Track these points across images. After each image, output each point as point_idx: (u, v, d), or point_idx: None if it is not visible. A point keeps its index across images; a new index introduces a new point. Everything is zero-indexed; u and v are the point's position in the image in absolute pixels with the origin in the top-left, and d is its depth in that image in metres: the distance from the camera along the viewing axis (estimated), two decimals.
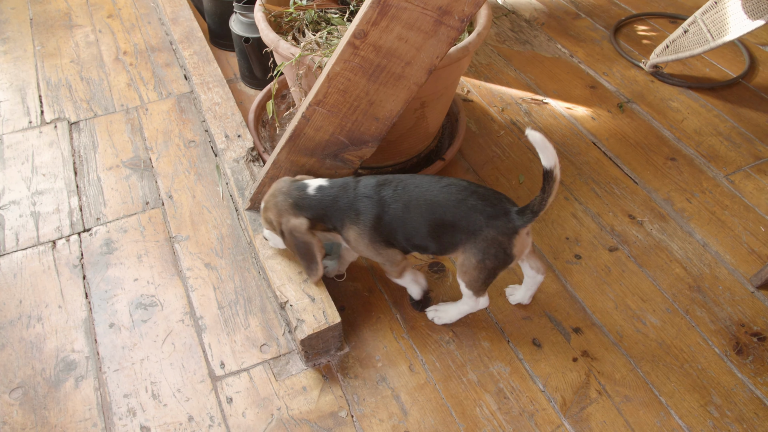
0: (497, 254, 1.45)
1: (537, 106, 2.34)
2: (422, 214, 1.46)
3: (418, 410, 1.55)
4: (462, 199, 1.44)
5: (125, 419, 1.54)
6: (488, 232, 1.43)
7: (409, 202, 1.47)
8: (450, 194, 1.45)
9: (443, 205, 1.45)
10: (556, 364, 1.63)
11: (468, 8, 1.38)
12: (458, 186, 1.47)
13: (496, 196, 1.47)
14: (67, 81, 2.47)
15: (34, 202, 2.02)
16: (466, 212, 1.44)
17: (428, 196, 1.46)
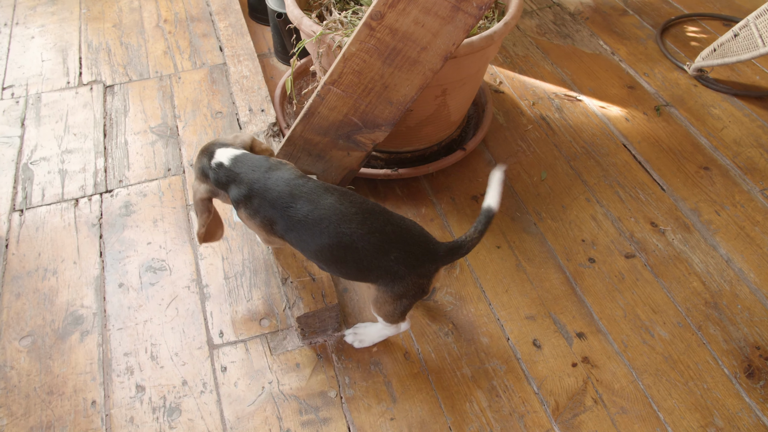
0: (416, 293, 1.39)
1: (569, 103, 2.27)
2: (331, 250, 1.36)
3: (407, 399, 1.54)
4: (385, 251, 1.34)
5: (123, 377, 1.58)
6: (410, 279, 1.36)
7: (317, 227, 1.35)
8: (370, 243, 1.33)
9: (360, 250, 1.34)
10: (554, 367, 1.59)
11: None
12: (382, 234, 1.34)
13: (422, 241, 1.37)
14: (107, 45, 2.52)
15: (62, 160, 2.09)
16: (386, 264, 1.34)
17: (344, 238, 1.34)
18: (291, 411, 1.52)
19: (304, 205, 1.36)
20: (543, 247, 1.84)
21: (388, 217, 1.37)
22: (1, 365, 1.61)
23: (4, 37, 2.57)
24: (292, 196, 1.37)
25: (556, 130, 2.17)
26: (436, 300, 1.72)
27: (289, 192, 1.38)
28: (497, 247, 1.84)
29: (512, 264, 1.80)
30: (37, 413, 1.52)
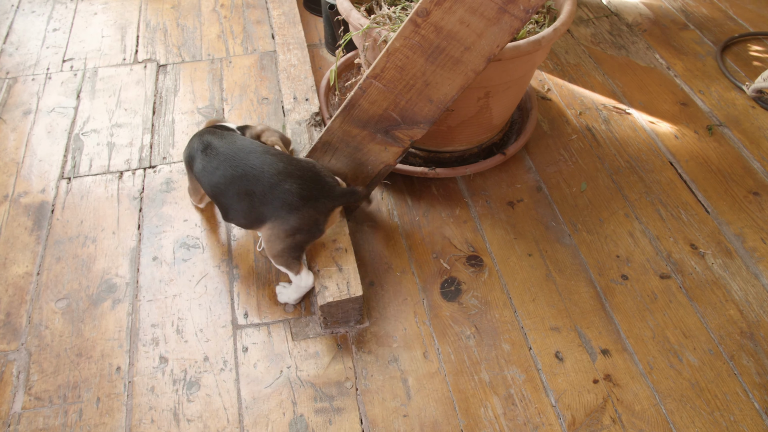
0: (310, 229, 1.51)
1: (618, 115, 2.22)
2: (233, 180, 1.54)
3: (422, 397, 1.54)
4: (281, 181, 1.50)
5: (148, 347, 1.63)
6: (305, 211, 1.49)
7: (224, 162, 1.57)
8: (269, 174, 1.51)
9: (259, 182, 1.51)
10: (574, 381, 1.56)
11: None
12: (282, 168, 1.52)
13: (319, 179, 1.54)
14: (164, 25, 2.59)
15: (111, 134, 2.16)
16: (282, 195, 1.49)
17: (247, 169, 1.53)
18: (306, 397, 1.53)
19: (220, 143, 1.61)
20: (575, 260, 1.81)
21: (290, 158, 1.57)
22: (37, 324, 1.67)
23: (69, 11, 2.67)
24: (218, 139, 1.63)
25: (601, 142, 2.12)
26: (461, 302, 1.71)
27: (218, 140, 1.63)
28: (528, 254, 1.82)
29: (542, 273, 1.78)
30: (65, 373, 1.58)
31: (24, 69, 2.40)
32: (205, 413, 1.51)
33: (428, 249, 1.83)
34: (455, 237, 1.86)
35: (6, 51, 2.48)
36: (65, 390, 1.55)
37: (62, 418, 1.50)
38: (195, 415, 1.51)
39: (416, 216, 1.91)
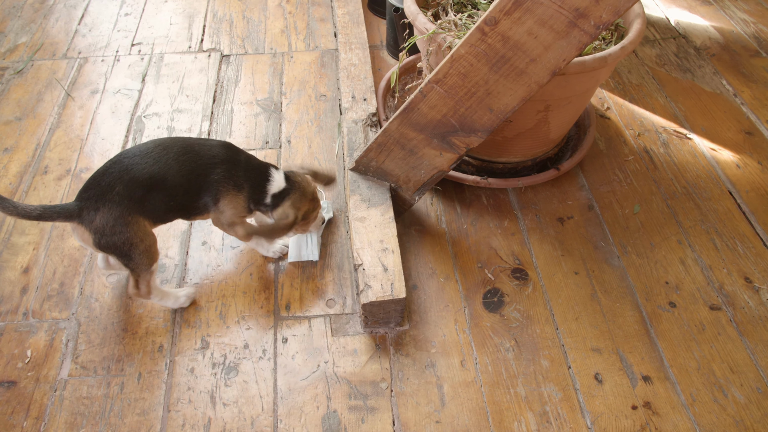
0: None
1: (678, 140, 2.17)
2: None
3: (456, 405, 1.53)
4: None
5: (191, 329, 1.66)
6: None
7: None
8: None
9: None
10: (612, 405, 1.53)
11: (606, 15, 1.31)
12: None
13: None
14: (230, 17, 2.65)
15: (172, 118, 2.22)
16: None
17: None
18: (341, 393, 1.54)
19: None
20: (623, 282, 1.77)
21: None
22: (88, 296, 1.73)
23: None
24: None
25: (659, 165, 2.08)
26: (503, 314, 1.70)
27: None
28: (575, 272, 1.79)
29: (587, 293, 1.75)
30: (110, 345, 1.63)
31: (95, 50, 2.49)
32: (241, 399, 1.54)
33: (474, 258, 1.83)
34: (502, 248, 1.85)
35: (80, 32, 2.57)
36: (109, 362, 1.60)
37: (105, 389, 1.55)
38: (231, 400, 1.53)
39: (464, 224, 1.91)
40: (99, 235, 1.44)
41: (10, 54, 2.45)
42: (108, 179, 1.43)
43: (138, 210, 1.46)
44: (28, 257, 1.82)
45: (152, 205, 1.48)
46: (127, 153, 1.49)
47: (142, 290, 1.58)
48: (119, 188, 1.42)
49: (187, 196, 1.52)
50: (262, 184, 1.60)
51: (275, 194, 1.61)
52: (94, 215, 1.42)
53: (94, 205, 1.42)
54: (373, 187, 1.81)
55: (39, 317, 1.69)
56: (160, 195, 1.48)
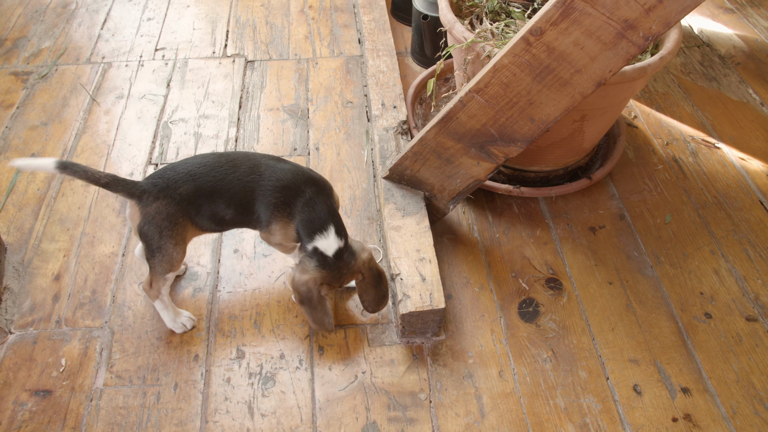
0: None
1: (706, 149, 2.17)
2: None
3: (496, 417, 1.52)
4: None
5: (226, 338, 1.65)
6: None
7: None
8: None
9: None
10: (653, 417, 1.53)
11: (656, 27, 1.30)
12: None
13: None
14: (253, 22, 2.64)
15: (198, 124, 2.21)
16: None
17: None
18: (380, 404, 1.53)
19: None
20: (657, 292, 1.77)
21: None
22: (121, 304, 1.72)
23: (163, 2, 2.75)
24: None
25: (688, 175, 2.08)
26: (539, 324, 1.69)
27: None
28: (609, 282, 1.79)
29: (622, 303, 1.74)
30: (145, 355, 1.62)
31: (118, 55, 2.48)
32: (279, 410, 1.52)
33: (507, 267, 1.82)
34: (535, 258, 1.84)
35: (103, 36, 2.56)
36: (145, 372, 1.59)
37: (141, 399, 1.54)
38: (269, 411, 1.52)
39: (496, 233, 1.90)
40: (146, 219, 1.46)
41: (34, 58, 2.44)
42: (176, 177, 1.46)
43: (192, 215, 1.48)
44: (58, 264, 1.81)
45: (207, 214, 1.49)
46: (199, 160, 1.51)
47: (152, 291, 1.59)
48: (183, 190, 1.46)
49: (242, 213, 1.52)
50: (312, 231, 1.51)
51: (317, 249, 1.51)
52: (152, 202, 1.44)
53: (156, 194, 1.45)
54: (407, 196, 1.80)
55: (72, 325, 1.68)
56: (218, 208, 1.49)
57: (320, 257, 1.51)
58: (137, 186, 1.46)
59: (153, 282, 1.56)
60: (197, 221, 1.50)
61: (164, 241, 1.47)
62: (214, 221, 1.52)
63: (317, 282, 1.52)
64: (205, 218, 1.50)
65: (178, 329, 1.66)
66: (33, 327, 1.68)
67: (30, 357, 1.62)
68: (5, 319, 1.68)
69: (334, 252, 1.51)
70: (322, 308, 1.53)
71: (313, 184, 1.54)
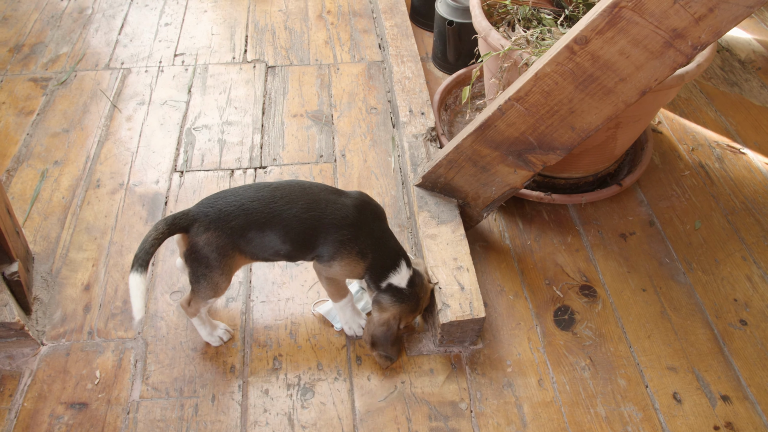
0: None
1: (732, 155, 2.17)
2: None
3: (537, 426, 1.52)
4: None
5: (262, 348, 1.63)
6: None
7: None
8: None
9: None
10: (694, 426, 1.52)
11: (705, 36, 1.30)
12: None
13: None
14: (272, 27, 2.63)
15: (222, 131, 2.19)
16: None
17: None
18: (421, 415, 1.52)
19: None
20: (691, 299, 1.77)
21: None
22: (153, 314, 1.70)
23: (180, 7, 2.73)
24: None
25: (715, 181, 2.08)
26: (575, 332, 1.69)
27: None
28: (643, 290, 1.79)
29: (657, 310, 1.74)
30: (180, 366, 1.60)
31: (137, 60, 2.45)
32: (320, 421, 1.51)
33: (540, 275, 1.82)
34: (567, 265, 1.84)
35: (121, 42, 2.54)
36: (181, 383, 1.57)
37: (179, 411, 1.52)
38: (309, 422, 1.51)
39: (527, 240, 1.90)
40: (194, 249, 1.43)
41: (53, 64, 2.41)
42: (228, 210, 1.42)
43: (242, 248, 1.44)
44: (87, 274, 1.79)
45: (259, 247, 1.45)
46: (252, 194, 1.45)
47: (190, 309, 1.56)
48: (235, 224, 1.41)
49: (300, 250, 1.48)
50: (386, 268, 1.49)
51: (392, 285, 1.50)
52: (202, 232, 1.41)
53: (206, 225, 1.41)
54: (441, 204, 1.79)
55: (105, 336, 1.66)
56: (272, 242, 1.44)
57: (395, 291, 1.50)
58: (188, 217, 1.42)
59: (193, 302, 1.54)
60: (247, 252, 1.47)
61: (210, 271, 1.44)
62: (267, 254, 1.48)
63: (397, 318, 1.51)
64: (257, 249, 1.46)
65: (215, 342, 1.64)
66: (65, 338, 1.65)
67: (64, 369, 1.59)
68: (37, 330, 1.66)
69: (407, 282, 1.50)
70: (398, 344, 1.53)
71: (377, 217, 1.50)
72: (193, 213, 1.43)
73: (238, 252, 1.45)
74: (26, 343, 1.62)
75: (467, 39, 2.28)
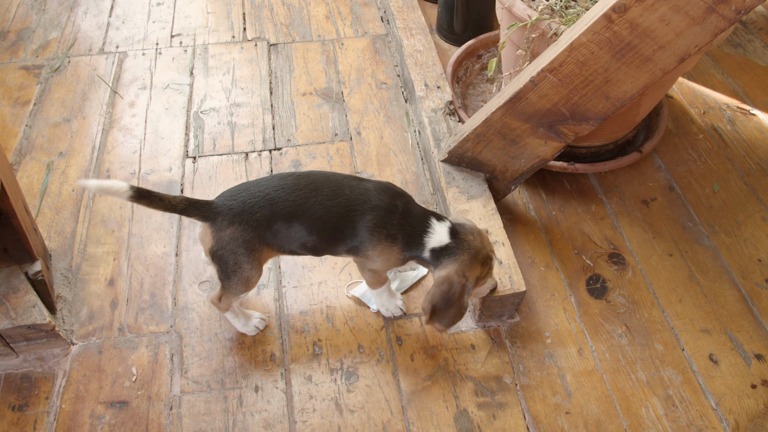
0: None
1: (742, 116, 2.19)
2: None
3: (582, 395, 1.53)
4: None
5: (300, 334, 1.61)
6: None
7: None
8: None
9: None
10: (732, 385, 1.56)
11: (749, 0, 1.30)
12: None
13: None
14: (269, 3, 2.54)
15: (231, 113, 2.12)
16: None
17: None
18: (467, 391, 1.53)
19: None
20: (716, 262, 1.80)
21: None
22: (183, 306, 1.66)
23: None
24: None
25: (729, 143, 2.10)
26: (608, 300, 1.70)
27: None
28: (669, 254, 1.81)
29: (685, 274, 1.77)
30: (219, 357, 1.57)
31: (133, 43, 2.36)
32: (367, 404, 1.50)
33: (569, 244, 1.82)
34: (594, 234, 1.85)
35: (113, 24, 2.43)
36: (221, 375, 1.54)
37: (223, 403, 1.50)
38: (357, 406, 1.50)
39: (552, 211, 1.90)
40: (219, 245, 1.36)
41: (43, 51, 2.30)
42: (253, 201, 1.35)
43: (269, 241, 1.38)
44: (110, 268, 1.73)
45: (286, 239, 1.39)
46: (276, 183, 1.38)
47: (222, 305, 1.52)
48: (260, 215, 1.35)
49: (327, 240, 1.41)
50: (418, 236, 1.40)
51: (435, 249, 1.39)
52: (226, 227, 1.34)
53: (231, 218, 1.34)
54: (468, 179, 1.77)
55: (136, 332, 1.62)
56: (299, 233, 1.38)
57: (441, 251, 1.39)
58: (211, 208, 1.36)
59: (224, 298, 1.49)
60: (274, 245, 1.41)
61: (239, 266, 1.39)
62: (295, 245, 1.42)
63: (459, 273, 1.37)
64: (284, 241, 1.40)
65: (251, 332, 1.61)
66: (95, 336, 1.61)
67: (98, 368, 1.55)
68: (65, 329, 1.60)
69: (448, 235, 1.40)
70: (459, 308, 1.38)
71: (399, 196, 1.43)
72: (217, 206, 1.37)
73: (265, 245, 1.40)
74: (56, 344, 1.57)
75: (475, 9, 2.24)
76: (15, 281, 1.55)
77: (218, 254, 1.38)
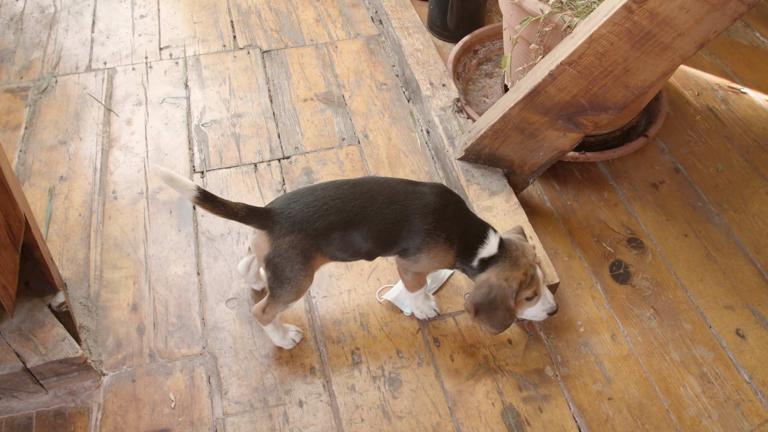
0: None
1: (734, 95, 2.26)
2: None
3: (621, 380, 1.56)
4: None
5: (337, 344, 1.60)
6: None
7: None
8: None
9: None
10: (762, 357, 1.61)
11: None
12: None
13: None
14: (256, 9, 2.50)
15: (233, 124, 2.08)
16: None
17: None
18: (510, 386, 1.54)
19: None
20: (730, 239, 1.85)
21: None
22: (213, 326, 1.62)
23: None
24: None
25: (725, 122, 2.17)
26: (633, 284, 1.74)
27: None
28: (684, 235, 1.85)
29: (702, 253, 1.81)
30: (257, 375, 1.54)
31: (121, 58, 2.28)
32: (414, 408, 1.50)
33: (587, 233, 1.85)
34: (610, 220, 1.88)
35: (97, 40, 2.35)
36: (263, 393, 1.51)
37: (269, 422, 1.47)
38: (405, 411, 1.49)
39: (567, 200, 1.92)
40: (276, 253, 1.36)
41: (27, 72, 2.21)
42: (311, 211, 1.35)
43: (324, 249, 1.38)
44: (130, 293, 1.68)
45: (342, 247, 1.39)
46: (332, 193, 1.38)
47: (265, 317, 1.49)
48: (319, 225, 1.35)
49: (382, 246, 1.42)
50: (474, 245, 1.42)
51: (484, 259, 1.42)
52: (285, 235, 1.34)
53: (289, 227, 1.34)
54: (487, 175, 1.78)
55: (168, 357, 1.57)
56: (354, 240, 1.39)
57: (488, 261, 1.42)
58: (269, 216, 1.35)
59: (269, 308, 1.47)
60: (328, 253, 1.41)
61: (295, 274, 1.38)
62: (348, 253, 1.42)
63: (500, 277, 1.40)
64: (338, 250, 1.40)
65: (288, 345, 1.58)
66: (126, 365, 1.56)
67: (134, 397, 1.51)
68: (93, 360, 1.55)
69: (497, 246, 1.42)
70: (506, 312, 1.41)
71: (457, 202, 1.45)
72: (275, 214, 1.36)
73: (320, 254, 1.39)
74: (87, 376, 1.52)
75: (469, 5, 2.25)
76: (39, 315, 1.49)
77: (274, 261, 1.37)
